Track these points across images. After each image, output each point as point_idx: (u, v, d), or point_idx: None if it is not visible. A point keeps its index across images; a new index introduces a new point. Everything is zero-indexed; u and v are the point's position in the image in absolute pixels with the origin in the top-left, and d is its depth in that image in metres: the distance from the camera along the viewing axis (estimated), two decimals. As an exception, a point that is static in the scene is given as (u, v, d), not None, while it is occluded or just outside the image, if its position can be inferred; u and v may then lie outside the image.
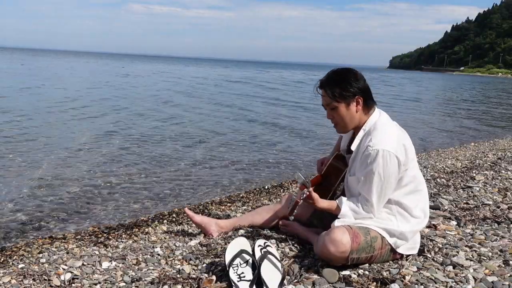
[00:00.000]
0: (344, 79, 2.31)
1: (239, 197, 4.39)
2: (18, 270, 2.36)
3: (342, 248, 2.19)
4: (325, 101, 2.36)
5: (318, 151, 7.55)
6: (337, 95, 2.29)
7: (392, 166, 2.20)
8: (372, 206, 2.27)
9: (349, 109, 2.32)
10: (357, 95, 2.30)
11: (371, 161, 2.20)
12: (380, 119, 2.35)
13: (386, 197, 2.28)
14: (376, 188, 2.23)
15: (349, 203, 2.34)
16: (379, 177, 2.21)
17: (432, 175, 5.03)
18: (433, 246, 2.62)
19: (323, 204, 2.38)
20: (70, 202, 4.24)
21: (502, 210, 3.48)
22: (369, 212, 2.30)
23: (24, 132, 7.84)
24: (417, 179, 2.39)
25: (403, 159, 2.23)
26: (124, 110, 11.82)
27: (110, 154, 6.43)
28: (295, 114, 13.00)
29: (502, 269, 2.29)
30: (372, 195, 2.24)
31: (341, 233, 2.22)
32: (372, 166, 2.20)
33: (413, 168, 2.35)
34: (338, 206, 2.35)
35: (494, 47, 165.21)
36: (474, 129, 11.99)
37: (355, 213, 2.32)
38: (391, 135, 2.28)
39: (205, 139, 8.13)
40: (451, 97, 27.07)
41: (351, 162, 2.39)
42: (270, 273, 2.10)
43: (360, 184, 2.28)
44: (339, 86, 2.29)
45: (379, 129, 2.29)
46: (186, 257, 2.52)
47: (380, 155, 2.18)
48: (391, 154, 2.19)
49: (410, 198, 2.35)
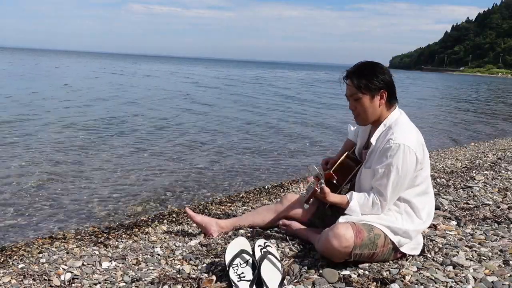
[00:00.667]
0: (371, 71, 2.33)
1: (239, 197, 4.39)
2: (18, 270, 2.36)
3: (345, 243, 2.20)
4: (350, 91, 2.37)
5: (320, 152, 7.56)
6: (363, 86, 2.31)
7: (411, 163, 2.23)
8: (385, 200, 2.27)
9: (373, 102, 2.34)
10: (382, 88, 2.32)
11: (391, 154, 2.22)
12: (401, 116, 2.38)
13: (399, 192, 2.29)
14: (392, 182, 2.24)
15: (358, 197, 2.34)
16: (397, 171, 2.22)
17: (432, 175, 5.00)
18: (433, 246, 2.62)
19: (334, 199, 2.39)
20: (70, 202, 4.24)
21: (502, 210, 3.47)
22: (377, 208, 2.30)
23: (26, 133, 7.84)
24: (428, 181, 2.42)
25: (420, 158, 2.26)
26: (127, 106, 11.83)
27: (110, 154, 6.44)
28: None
29: (502, 269, 2.29)
30: (388, 188, 2.25)
31: (344, 228, 2.23)
32: (392, 160, 2.21)
33: (427, 169, 2.37)
34: (348, 201, 2.35)
35: (494, 47, 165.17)
36: (474, 129, 12.00)
37: (364, 207, 2.31)
38: (412, 133, 2.31)
39: (205, 139, 8.13)
40: (451, 97, 27.08)
41: (369, 155, 2.40)
42: (270, 273, 2.10)
43: (377, 177, 2.28)
44: (365, 78, 2.31)
45: (400, 125, 2.32)
46: (186, 257, 2.52)
47: (402, 150, 2.20)
48: (411, 150, 2.22)
49: (420, 199, 2.36)
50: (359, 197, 2.35)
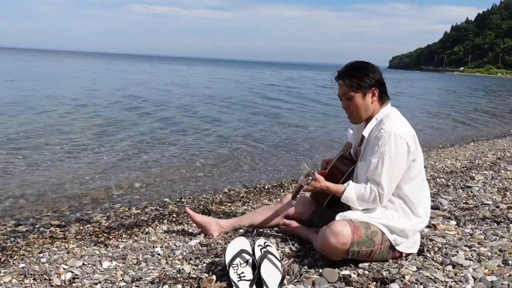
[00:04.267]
0: (362, 70, 2.38)
1: (239, 197, 4.39)
2: (18, 270, 2.36)
3: (343, 240, 2.21)
4: (342, 90, 2.41)
5: (320, 152, 7.56)
6: (355, 84, 2.36)
7: (403, 151, 2.26)
8: (382, 190, 2.27)
9: (365, 100, 2.38)
10: (373, 86, 2.37)
11: (383, 143, 2.25)
12: (392, 111, 2.43)
13: (396, 181, 2.30)
14: (387, 170, 2.25)
15: (355, 186, 2.34)
16: (390, 160, 2.24)
17: (431, 175, 5.03)
18: (432, 246, 2.63)
19: (329, 184, 2.39)
20: (71, 202, 4.24)
21: (501, 210, 3.48)
22: (375, 197, 2.28)
23: (28, 134, 7.84)
24: (423, 176, 2.43)
25: (412, 148, 2.29)
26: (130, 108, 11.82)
27: (110, 154, 6.44)
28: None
29: (501, 269, 2.30)
30: (383, 177, 2.26)
31: (342, 225, 2.24)
32: (385, 149, 2.24)
33: (420, 164, 2.39)
34: (345, 188, 2.35)
35: (494, 48, 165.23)
36: (474, 129, 12.01)
37: (361, 199, 2.30)
38: (404, 124, 2.36)
39: (205, 138, 8.14)
40: (451, 97, 27.07)
41: (363, 149, 2.43)
42: (270, 272, 2.10)
43: (371, 167, 2.28)
44: (356, 76, 2.36)
45: (391, 117, 2.37)
46: (186, 256, 2.52)
47: (393, 138, 2.24)
48: (402, 138, 2.25)
49: (416, 194, 2.38)
50: (356, 186, 2.34)
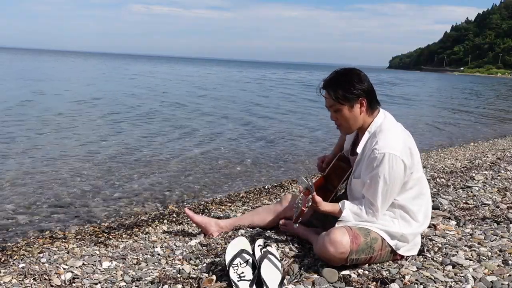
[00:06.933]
0: (347, 81, 2.27)
1: (239, 197, 4.39)
2: (18, 270, 2.36)
3: (341, 249, 2.19)
4: (328, 102, 2.33)
5: (319, 149, 7.56)
6: (340, 97, 2.26)
7: (398, 170, 2.18)
8: (376, 210, 2.26)
9: (353, 111, 2.28)
10: (360, 96, 2.26)
11: (377, 164, 2.18)
12: (385, 121, 2.32)
13: (390, 200, 2.27)
14: (381, 191, 2.21)
15: (351, 206, 2.32)
16: (384, 181, 2.18)
17: (431, 175, 5.03)
18: (432, 246, 2.63)
19: (326, 208, 2.35)
20: (71, 202, 4.24)
21: (501, 210, 3.48)
22: (372, 216, 2.28)
23: (31, 135, 7.84)
24: (422, 182, 2.38)
25: (409, 163, 2.21)
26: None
27: (110, 154, 6.44)
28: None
29: (501, 269, 2.29)
30: (377, 198, 2.23)
31: (341, 234, 2.21)
32: (378, 170, 2.18)
33: (418, 171, 2.33)
34: (340, 209, 2.33)
35: (494, 48, 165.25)
36: (474, 129, 12.00)
37: (357, 216, 2.30)
38: (397, 138, 2.25)
39: (205, 139, 8.14)
40: (451, 97, 27.07)
41: (356, 165, 2.37)
42: (270, 272, 2.10)
43: (365, 187, 2.26)
44: (342, 88, 2.25)
45: (384, 132, 2.26)
46: (186, 257, 2.52)
47: (386, 159, 2.16)
48: (397, 158, 2.17)
49: (415, 202, 2.33)
50: (351, 206, 2.32)
